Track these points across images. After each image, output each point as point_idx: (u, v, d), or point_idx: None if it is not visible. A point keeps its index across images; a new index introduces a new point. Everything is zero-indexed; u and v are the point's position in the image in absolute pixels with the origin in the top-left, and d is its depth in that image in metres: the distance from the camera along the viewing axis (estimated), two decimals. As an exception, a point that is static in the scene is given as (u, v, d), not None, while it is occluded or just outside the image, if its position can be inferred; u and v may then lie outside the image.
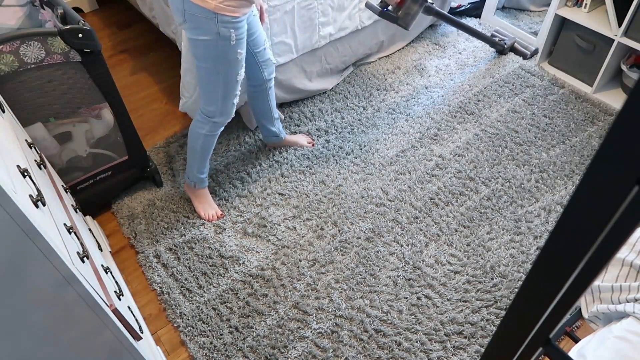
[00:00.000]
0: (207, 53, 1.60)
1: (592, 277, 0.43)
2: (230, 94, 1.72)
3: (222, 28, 1.52)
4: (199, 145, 1.86)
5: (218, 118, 1.78)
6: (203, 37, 1.55)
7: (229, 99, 1.73)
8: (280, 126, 2.19)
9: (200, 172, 1.95)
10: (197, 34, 1.55)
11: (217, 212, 2.02)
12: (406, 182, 2.13)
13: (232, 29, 1.54)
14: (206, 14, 1.48)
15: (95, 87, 1.71)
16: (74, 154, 1.83)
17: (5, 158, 0.98)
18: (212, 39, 1.54)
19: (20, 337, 0.94)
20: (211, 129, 1.82)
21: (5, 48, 1.47)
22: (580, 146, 2.26)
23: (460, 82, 2.61)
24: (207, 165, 1.95)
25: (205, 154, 1.90)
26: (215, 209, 2.03)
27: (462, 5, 3.04)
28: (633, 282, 1.04)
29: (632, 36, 2.23)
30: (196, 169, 1.94)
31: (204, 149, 1.88)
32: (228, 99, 1.73)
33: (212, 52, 1.59)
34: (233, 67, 1.64)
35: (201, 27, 1.52)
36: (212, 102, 1.74)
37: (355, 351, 1.63)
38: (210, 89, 1.70)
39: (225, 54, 1.60)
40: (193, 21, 1.52)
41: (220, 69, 1.63)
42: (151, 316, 1.75)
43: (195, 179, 1.97)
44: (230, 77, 1.67)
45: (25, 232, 0.81)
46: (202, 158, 1.91)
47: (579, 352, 1.01)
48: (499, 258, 1.86)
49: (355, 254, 1.88)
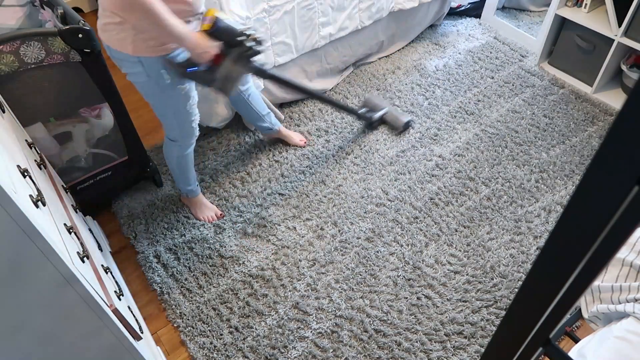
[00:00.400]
0: (146, 92, 1.56)
1: (592, 277, 0.43)
2: (185, 121, 1.68)
3: (150, 70, 1.44)
4: (175, 165, 1.87)
5: (181, 141, 1.76)
6: (137, 80, 1.51)
7: (186, 124, 1.69)
8: (272, 119, 2.18)
9: (186, 185, 1.96)
10: (131, 77, 1.51)
11: (216, 213, 2.03)
12: (406, 182, 2.13)
13: (162, 69, 1.45)
14: (129, 58, 1.41)
15: (95, 87, 1.71)
16: (74, 154, 1.83)
17: (5, 158, 0.98)
18: (144, 80, 1.48)
19: (21, 337, 0.94)
20: (180, 151, 1.80)
21: (5, 48, 1.47)
22: (580, 146, 2.26)
23: (460, 82, 2.61)
24: (192, 177, 1.95)
25: (185, 171, 1.90)
26: (214, 210, 2.03)
27: (462, 5, 3.04)
28: (633, 282, 1.04)
29: (632, 36, 2.23)
30: (182, 183, 1.95)
31: (181, 167, 1.88)
32: (185, 125, 1.70)
33: (150, 92, 1.55)
34: (178, 101, 1.58)
35: (130, 72, 1.47)
36: (170, 129, 1.72)
37: (355, 351, 1.63)
38: (164, 120, 1.69)
39: (164, 92, 1.53)
40: (123, 66, 1.47)
41: (166, 104, 1.59)
42: (151, 316, 1.75)
43: (185, 190, 1.99)
44: (179, 109, 1.61)
45: (25, 232, 0.81)
46: (183, 174, 1.91)
47: (579, 352, 1.01)
48: (499, 258, 1.86)
49: (355, 254, 1.88)
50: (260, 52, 1.57)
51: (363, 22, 2.46)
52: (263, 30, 2.08)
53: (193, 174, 1.95)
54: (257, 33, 1.55)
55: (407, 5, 2.59)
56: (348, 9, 2.35)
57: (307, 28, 2.24)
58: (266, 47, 2.09)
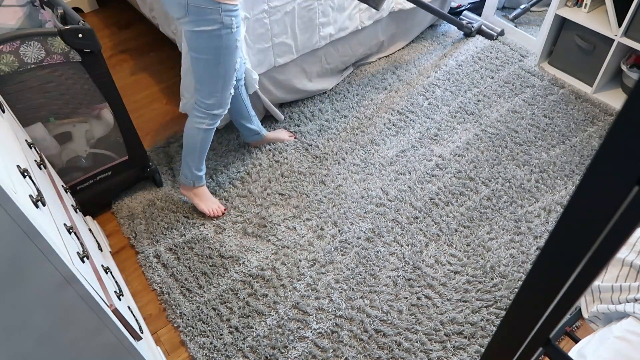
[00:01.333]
0: (209, 44, 1.62)
1: (592, 277, 0.43)
2: (229, 84, 1.75)
3: (225, 17, 1.55)
4: (199, 141, 1.86)
5: (217, 110, 1.79)
6: (207, 28, 1.57)
7: (227, 89, 1.76)
8: (258, 123, 2.19)
9: (198, 170, 1.95)
10: (200, 25, 1.56)
11: (219, 206, 2.03)
12: (406, 182, 2.13)
13: (232, 16, 1.57)
14: (210, 4, 1.51)
15: (95, 87, 1.71)
16: (74, 154, 1.83)
17: (5, 158, 0.98)
18: (216, 28, 1.57)
19: (20, 337, 0.94)
20: (210, 122, 1.82)
21: (5, 48, 1.47)
22: (580, 146, 2.26)
23: (460, 82, 2.61)
24: (204, 162, 1.96)
25: (204, 150, 1.91)
26: (217, 204, 2.03)
27: (462, 5, 3.04)
28: (633, 282, 1.04)
29: (632, 36, 2.23)
30: (195, 167, 1.93)
31: (202, 145, 1.88)
32: (226, 90, 1.76)
33: (214, 42, 1.61)
34: (233, 55, 1.67)
35: (205, 18, 1.54)
36: (212, 94, 1.75)
37: (355, 351, 1.63)
38: (211, 81, 1.71)
39: (227, 43, 1.62)
40: (196, 13, 1.54)
41: (221, 59, 1.66)
42: (151, 316, 1.75)
43: (194, 177, 1.96)
44: (230, 66, 1.69)
45: (25, 232, 0.81)
46: (200, 154, 1.91)
47: (579, 352, 1.01)
48: (499, 258, 1.86)
49: (355, 254, 1.88)
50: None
51: (363, 23, 2.46)
52: (262, 31, 2.08)
53: (204, 160, 1.96)
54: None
55: (407, 5, 2.59)
56: (348, 9, 2.35)
57: (307, 28, 2.24)
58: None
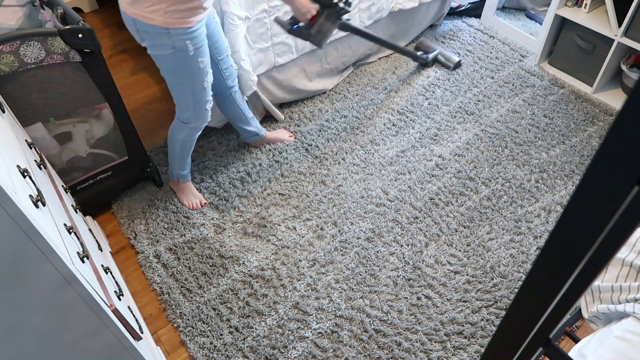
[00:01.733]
0: (168, 67, 1.62)
1: (592, 277, 0.43)
2: (201, 101, 1.74)
3: (177, 41, 1.51)
4: (178, 148, 1.91)
5: (193, 123, 1.81)
6: (161, 53, 1.56)
7: (201, 105, 1.75)
8: (257, 124, 2.19)
9: (181, 169, 2.01)
10: (155, 50, 1.57)
11: (200, 200, 2.07)
12: (406, 182, 2.13)
13: (187, 40, 1.52)
14: (157, 30, 1.48)
15: (95, 87, 1.71)
16: (74, 154, 1.83)
17: (5, 158, 0.98)
18: (169, 53, 1.55)
19: (21, 337, 0.94)
20: (188, 134, 1.86)
21: (5, 48, 1.47)
22: (580, 146, 2.26)
23: (460, 82, 2.61)
24: (188, 162, 2.00)
25: (185, 154, 1.95)
26: (198, 198, 2.07)
27: (462, 5, 3.04)
28: (633, 282, 1.04)
29: (632, 36, 2.23)
30: (177, 167, 2.00)
31: (183, 150, 1.93)
32: (199, 106, 1.75)
33: (172, 65, 1.60)
34: (197, 76, 1.65)
35: (156, 44, 1.53)
36: (185, 110, 1.76)
37: (355, 351, 1.63)
38: (180, 98, 1.73)
39: (186, 66, 1.60)
40: (148, 39, 1.53)
41: (185, 80, 1.65)
42: (151, 316, 1.75)
43: (178, 175, 2.03)
44: (196, 86, 1.68)
45: (25, 232, 0.81)
46: (182, 158, 1.96)
47: (579, 352, 1.01)
48: (499, 258, 1.86)
49: (355, 254, 1.88)
50: (349, 11, 1.94)
51: (363, 22, 2.46)
52: (262, 31, 2.08)
53: (189, 160, 2.00)
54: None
55: (407, 5, 2.59)
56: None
57: (307, 28, 2.24)
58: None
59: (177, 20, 1.47)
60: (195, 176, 2.17)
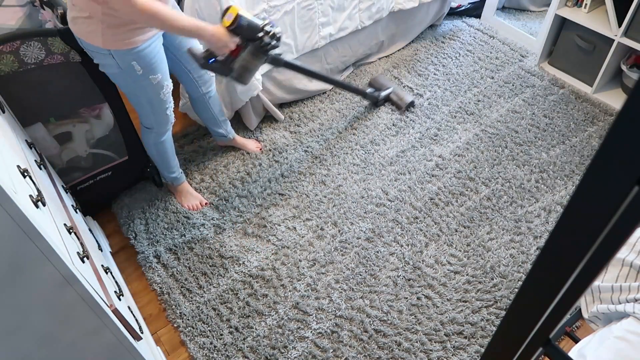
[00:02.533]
0: (119, 83, 1.60)
1: (592, 277, 0.43)
2: (159, 109, 1.70)
3: (121, 62, 1.47)
4: (154, 152, 1.89)
5: (157, 128, 1.78)
6: (109, 72, 1.54)
7: (161, 112, 1.71)
8: (228, 127, 2.17)
9: (170, 172, 1.99)
10: (103, 69, 1.54)
11: (201, 201, 2.06)
12: (406, 182, 2.13)
13: (132, 60, 1.47)
14: (100, 50, 1.44)
15: (95, 87, 1.71)
16: (74, 154, 1.83)
17: (5, 158, 0.98)
18: (116, 72, 1.51)
19: (21, 337, 0.94)
20: (156, 138, 1.83)
21: (5, 48, 1.47)
22: (580, 146, 2.26)
23: (460, 82, 2.61)
24: (174, 164, 1.98)
25: (166, 158, 1.92)
26: (198, 198, 2.06)
27: (462, 5, 3.04)
28: (633, 282, 1.04)
29: (632, 36, 2.23)
30: (165, 171, 1.98)
31: (160, 154, 1.90)
32: (159, 113, 1.72)
33: (122, 82, 1.57)
34: (151, 91, 1.60)
35: (103, 63, 1.51)
36: (145, 117, 1.74)
37: (355, 351, 1.63)
38: (138, 108, 1.70)
39: (136, 83, 1.55)
40: (95, 57, 1.50)
41: (139, 94, 1.61)
42: (151, 316, 1.75)
43: (169, 178, 2.02)
44: (152, 98, 1.64)
45: (25, 232, 0.81)
46: (163, 162, 1.94)
47: (579, 352, 1.01)
48: (499, 258, 1.86)
49: (355, 254, 1.88)
50: (276, 46, 1.68)
51: (363, 22, 2.46)
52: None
53: (175, 162, 1.97)
54: (275, 28, 1.63)
55: (407, 5, 2.59)
56: (348, 9, 2.35)
57: (307, 28, 2.24)
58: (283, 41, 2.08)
59: (118, 41, 1.42)
60: (195, 176, 2.17)
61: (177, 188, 2.06)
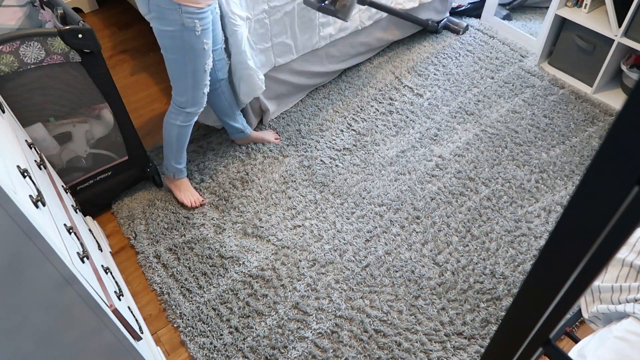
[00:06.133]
0: (173, 44, 1.62)
1: (592, 278, 0.43)
2: (200, 84, 1.74)
3: (187, 19, 1.53)
4: (175, 137, 1.90)
5: (190, 108, 1.81)
6: (168, 28, 1.57)
7: (199, 88, 1.76)
8: (244, 121, 2.19)
9: (177, 163, 1.99)
10: (162, 25, 1.57)
11: (198, 198, 2.07)
12: (406, 182, 2.13)
13: (196, 19, 1.55)
14: (170, 5, 1.50)
15: (95, 87, 1.71)
16: (74, 154, 1.83)
17: (5, 158, 0.98)
18: (177, 29, 1.56)
19: (20, 337, 0.94)
20: (185, 119, 1.84)
21: (5, 48, 1.47)
22: (580, 146, 2.26)
23: (460, 82, 2.61)
24: (184, 156, 1.99)
25: (182, 145, 1.94)
26: (196, 195, 2.07)
27: (462, 5, 3.05)
28: (633, 282, 1.04)
29: (632, 36, 2.23)
30: (174, 160, 1.98)
31: (179, 140, 1.91)
32: (198, 89, 1.76)
33: (178, 43, 1.61)
34: (200, 57, 1.66)
35: (166, 18, 1.54)
36: (183, 92, 1.76)
37: (355, 351, 1.63)
38: (180, 79, 1.73)
39: (191, 45, 1.61)
40: (157, 12, 1.54)
41: (188, 60, 1.65)
42: (151, 316, 1.75)
43: (174, 169, 2.01)
44: (198, 67, 1.68)
45: (25, 232, 0.81)
46: (178, 149, 1.94)
47: (579, 353, 1.01)
48: (498, 258, 1.86)
49: (355, 254, 1.88)
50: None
51: (363, 23, 2.46)
52: (263, 31, 2.08)
53: (185, 153, 1.99)
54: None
55: (408, 6, 2.59)
56: (348, 9, 2.35)
57: (307, 29, 2.24)
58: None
59: None
60: (195, 176, 2.17)
61: (177, 182, 2.05)
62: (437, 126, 2.37)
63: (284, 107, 2.48)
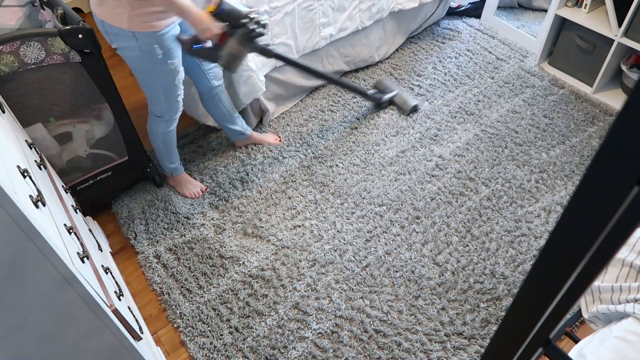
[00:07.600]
0: (137, 67, 1.63)
1: (592, 277, 0.43)
2: (172, 96, 1.75)
3: (143, 44, 1.52)
4: (160, 143, 1.93)
5: (167, 116, 1.82)
6: (129, 54, 1.58)
7: (172, 99, 1.76)
8: (243, 123, 2.19)
9: (171, 163, 2.02)
10: (123, 52, 1.58)
11: (201, 188, 2.10)
12: (406, 182, 2.13)
13: (155, 44, 1.53)
14: (124, 32, 1.49)
15: (95, 87, 1.71)
16: (74, 154, 1.83)
17: (5, 158, 0.98)
18: (137, 55, 1.56)
19: (21, 337, 0.94)
20: (165, 127, 1.87)
21: (5, 48, 1.47)
22: (580, 146, 2.26)
23: (460, 82, 2.61)
24: (175, 155, 2.02)
25: (170, 148, 1.97)
26: (199, 186, 2.10)
27: (462, 5, 3.04)
28: (633, 282, 1.04)
29: (632, 36, 2.23)
30: (167, 161, 2.02)
31: (166, 144, 1.95)
32: (171, 100, 1.76)
33: (140, 66, 1.62)
34: (167, 76, 1.65)
35: (124, 46, 1.54)
36: (157, 104, 1.78)
37: (355, 351, 1.62)
38: (151, 95, 1.74)
39: (155, 67, 1.60)
40: (116, 41, 1.55)
41: (156, 79, 1.66)
42: (151, 316, 1.75)
43: (169, 169, 2.05)
44: (167, 84, 1.68)
45: (25, 233, 0.81)
46: (167, 152, 1.98)
47: (579, 353, 1.01)
48: (498, 258, 1.86)
49: (355, 254, 1.88)
50: (263, 34, 1.70)
51: (363, 23, 2.46)
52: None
53: (176, 152, 2.02)
54: (261, 16, 1.67)
55: (408, 6, 2.59)
56: (348, 9, 2.35)
57: (307, 29, 2.24)
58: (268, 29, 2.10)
59: (142, 24, 1.48)
60: (195, 176, 2.17)
61: (176, 179, 2.08)
62: (437, 126, 2.37)
63: (284, 108, 2.48)
